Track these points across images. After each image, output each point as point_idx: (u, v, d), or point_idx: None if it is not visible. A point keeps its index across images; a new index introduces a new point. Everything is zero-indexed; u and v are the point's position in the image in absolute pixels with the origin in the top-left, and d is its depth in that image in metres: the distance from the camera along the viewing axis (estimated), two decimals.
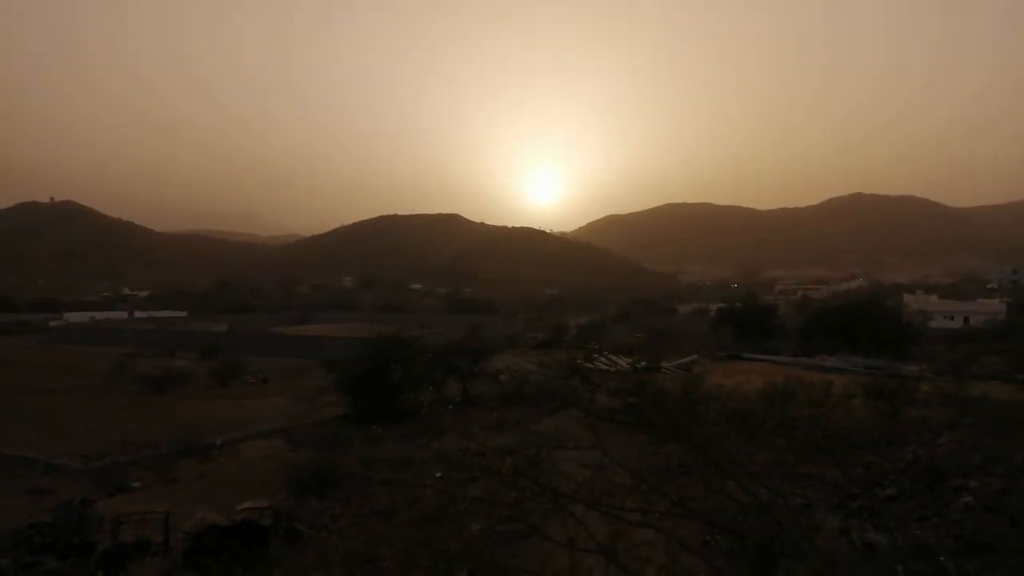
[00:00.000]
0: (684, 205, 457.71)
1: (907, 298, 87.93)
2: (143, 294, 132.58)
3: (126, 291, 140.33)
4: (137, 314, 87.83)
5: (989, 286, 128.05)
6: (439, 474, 13.19)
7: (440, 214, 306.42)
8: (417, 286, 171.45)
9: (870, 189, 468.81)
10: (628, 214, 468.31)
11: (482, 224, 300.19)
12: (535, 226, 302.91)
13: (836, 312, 45.81)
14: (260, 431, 23.19)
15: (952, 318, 72.20)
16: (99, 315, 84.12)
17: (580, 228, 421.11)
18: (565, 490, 4.45)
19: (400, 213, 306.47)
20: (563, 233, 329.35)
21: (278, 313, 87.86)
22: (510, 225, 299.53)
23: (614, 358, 34.39)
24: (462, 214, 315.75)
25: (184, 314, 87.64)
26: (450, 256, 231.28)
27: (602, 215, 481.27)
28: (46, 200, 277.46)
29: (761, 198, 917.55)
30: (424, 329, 47.08)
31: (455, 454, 6.74)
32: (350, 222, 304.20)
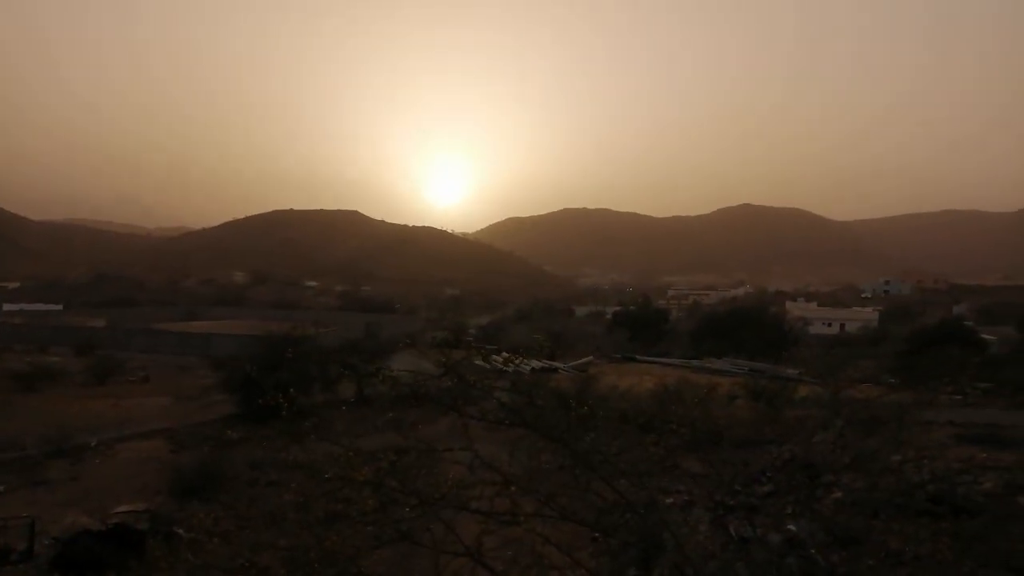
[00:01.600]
0: (584, 210, 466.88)
1: (789, 305, 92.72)
2: (13, 285, 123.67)
3: None
4: (6, 307, 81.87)
5: (864, 295, 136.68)
6: (328, 475, 12.84)
7: (339, 211, 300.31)
8: (312, 283, 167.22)
9: (758, 201, 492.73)
10: (529, 217, 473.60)
11: (382, 222, 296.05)
12: (437, 226, 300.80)
13: (724, 317, 47.78)
14: (139, 431, 22.00)
15: (829, 325, 76.66)
16: None
17: (482, 229, 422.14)
18: (436, 494, 4.38)
19: (296, 208, 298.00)
20: (465, 234, 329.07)
21: (163, 308, 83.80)
22: (411, 224, 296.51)
23: (512, 358, 34.58)
24: (362, 211, 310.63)
25: (58, 307, 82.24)
26: (348, 254, 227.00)
27: (504, 217, 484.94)
28: None
29: (657, 206, 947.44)
30: (319, 327, 45.97)
31: (319, 461, 6.54)
32: (242, 216, 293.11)
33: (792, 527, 10.02)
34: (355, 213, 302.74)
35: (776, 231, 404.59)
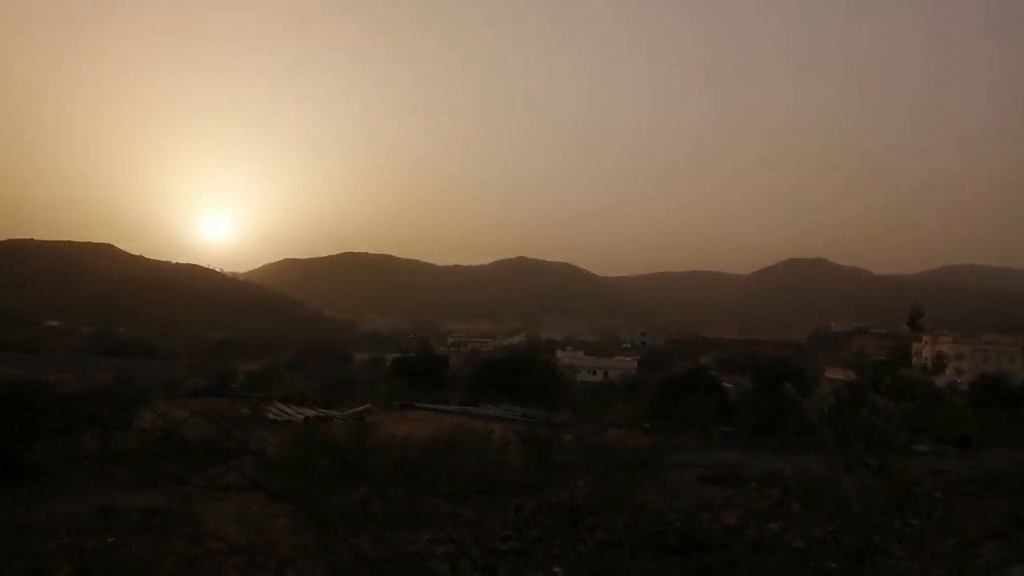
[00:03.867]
0: (365, 255, 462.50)
1: (559, 353, 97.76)
2: None
3: None
4: None
5: (624, 345, 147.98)
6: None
7: (90, 243, 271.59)
8: (55, 323, 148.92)
9: (532, 254, 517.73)
10: (308, 259, 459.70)
11: (141, 257, 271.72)
12: (204, 264, 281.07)
13: (500, 364, 49.22)
14: None
15: (595, 372, 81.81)
16: None
17: (255, 269, 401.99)
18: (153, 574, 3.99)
19: (37, 238, 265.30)
20: (236, 273, 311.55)
21: None
22: (175, 261, 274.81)
23: (284, 407, 33.03)
24: (117, 244, 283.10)
25: None
26: (100, 291, 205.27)
27: (280, 258, 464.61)
28: None
29: (438, 254, 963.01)
30: (61, 373, 40.87)
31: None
32: None
33: (558, 570, 10.36)
34: (109, 246, 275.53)
35: (549, 283, 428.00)
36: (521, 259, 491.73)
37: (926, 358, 7.67)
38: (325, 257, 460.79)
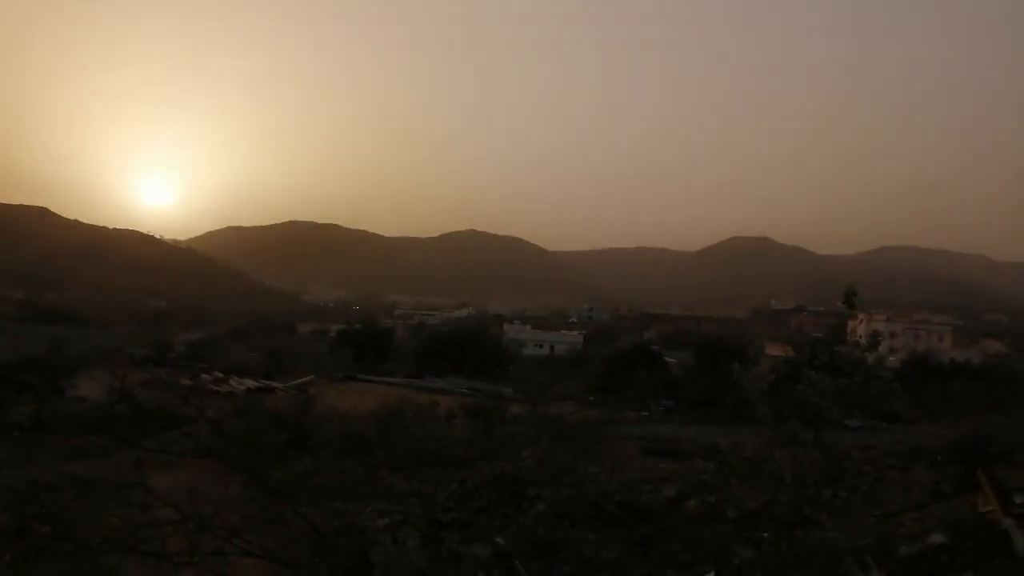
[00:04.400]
0: (312, 224, 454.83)
1: (506, 327, 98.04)
2: None
3: None
4: None
5: (571, 320, 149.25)
6: None
7: (21, 205, 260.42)
8: None
9: (482, 228, 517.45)
10: (252, 227, 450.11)
11: (76, 222, 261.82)
12: (143, 230, 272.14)
13: (446, 337, 49.17)
14: None
15: (541, 346, 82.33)
16: None
17: (196, 237, 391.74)
18: (96, 538, 3.88)
19: None
20: (176, 241, 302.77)
21: None
22: (112, 226, 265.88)
23: (225, 378, 32.47)
24: (51, 208, 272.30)
25: None
26: (33, 256, 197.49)
27: (222, 225, 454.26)
28: None
29: (386, 226, 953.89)
30: None
31: None
32: None
33: (500, 540, 10.47)
34: (42, 210, 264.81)
35: (498, 257, 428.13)
36: (470, 232, 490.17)
37: (860, 336, 7.94)
38: (270, 226, 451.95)
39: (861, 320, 9.08)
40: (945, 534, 8.51)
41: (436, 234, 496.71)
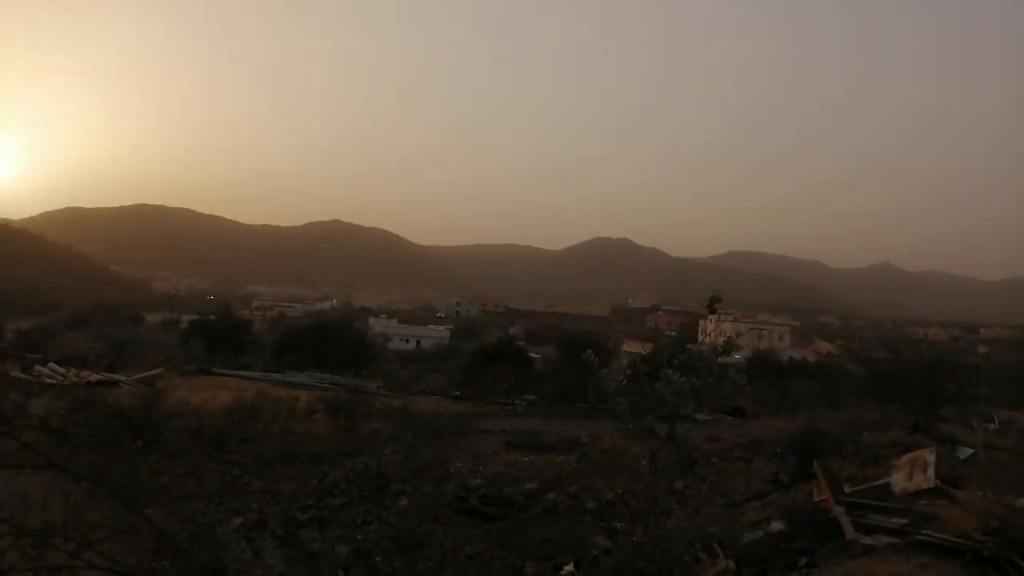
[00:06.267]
0: (163, 208, 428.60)
1: (372, 321, 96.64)
2: None
3: None
4: None
5: (438, 315, 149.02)
6: None
7: None
8: None
9: (348, 218, 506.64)
10: (95, 209, 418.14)
11: None
12: None
13: (308, 330, 47.75)
14: None
15: (407, 341, 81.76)
16: None
17: (32, 217, 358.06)
18: None
19: None
20: (8, 220, 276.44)
21: None
22: None
23: (63, 370, 30.07)
24: None
25: None
26: None
27: (63, 205, 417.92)
28: None
29: (246, 213, 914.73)
30: None
31: None
32: None
33: (360, 536, 10.29)
34: None
35: (364, 249, 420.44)
36: (336, 222, 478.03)
37: (710, 334, 8.41)
38: (116, 208, 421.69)
39: (712, 320, 9.65)
40: (784, 522, 9.15)
41: (300, 223, 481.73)
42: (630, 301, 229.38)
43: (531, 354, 44.68)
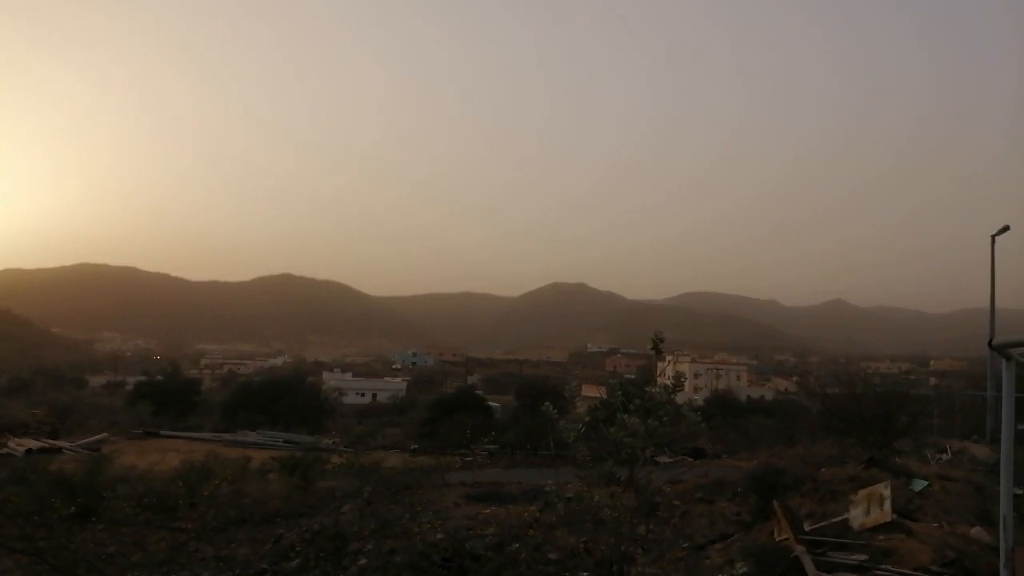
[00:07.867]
0: (105, 267, 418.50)
1: (326, 375, 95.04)
2: None
3: None
4: None
5: (394, 366, 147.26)
6: None
7: None
8: None
9: (298, 272, 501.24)
10: (35, 270, 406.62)
11: None
12: None
13: (260, 387, 46.71)
14: None
15: (363, 394, 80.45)
16: None
17: None
18: None
19: None
20: None
21: None
22: None
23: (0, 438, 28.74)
24: None
25: None
26: None
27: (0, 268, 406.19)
28: None
29: (192, 269, 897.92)
30: None
31: None
32: None
33: None
34: None
35: (316, 302, 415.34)
36: (286, 276, 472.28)
37: (668, 376, 8.44)
38: (56, 268, 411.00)
39: (669, 361, 9.69)
40: (748, 563, 9.12)
41: (248, 278, 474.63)
42: (588, 345, 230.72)
43: (490, 403, 44.33)
